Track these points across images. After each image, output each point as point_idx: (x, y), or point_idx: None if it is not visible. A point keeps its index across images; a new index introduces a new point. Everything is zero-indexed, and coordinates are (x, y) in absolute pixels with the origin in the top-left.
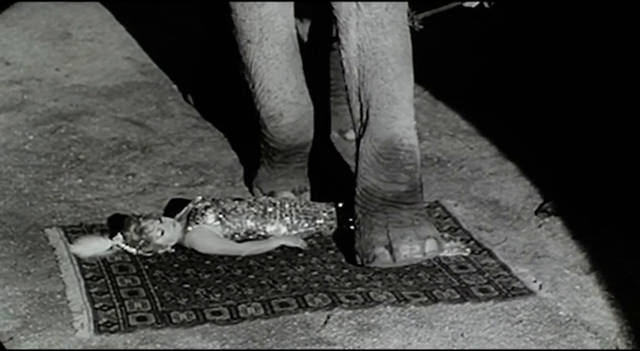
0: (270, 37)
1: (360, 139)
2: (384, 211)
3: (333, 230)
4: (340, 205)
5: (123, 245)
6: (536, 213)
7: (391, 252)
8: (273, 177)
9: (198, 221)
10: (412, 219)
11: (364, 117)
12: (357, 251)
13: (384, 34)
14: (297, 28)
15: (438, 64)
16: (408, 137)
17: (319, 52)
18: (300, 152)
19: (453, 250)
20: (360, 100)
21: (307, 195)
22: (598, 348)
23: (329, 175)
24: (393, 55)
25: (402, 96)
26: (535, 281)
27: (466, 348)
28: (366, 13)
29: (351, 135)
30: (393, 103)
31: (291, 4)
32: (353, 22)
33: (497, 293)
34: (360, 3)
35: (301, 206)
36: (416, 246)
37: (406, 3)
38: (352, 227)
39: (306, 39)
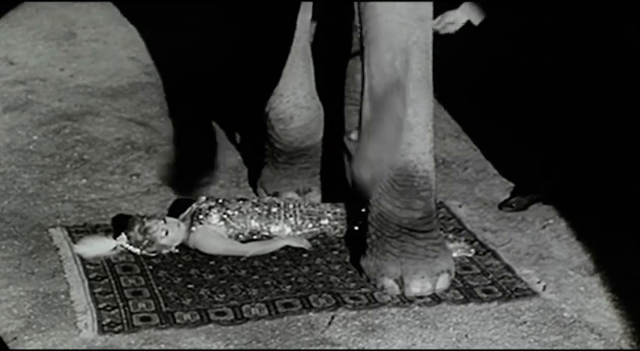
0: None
1: None
2: (399, 239)
3: (337, 231)
4: (346, 205)
5: (127, 245)
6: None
7: (401, 287)
8: (277, 177)
9: (202, 221)
10: (427, 250)
11: None
12: (365, 270)
13: None
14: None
15: (443, 66)
16: (423, 163)
17: (326, 53)
18: (305, 154)
19: (457, 251)
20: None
21: (314, 196)
22: (602, 349)
23: (335, 175)
24: (410, 81)
25: (418, 122)
26: (539, 282)
27: (470, 349)
28: None
29: (355, 135)
30: (408, 130)
31: (309, 10)
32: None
33: (501, 294)
34: None
35: (305, 207)
36: (427, 284)
37: (431, 23)
38: (356, 228)
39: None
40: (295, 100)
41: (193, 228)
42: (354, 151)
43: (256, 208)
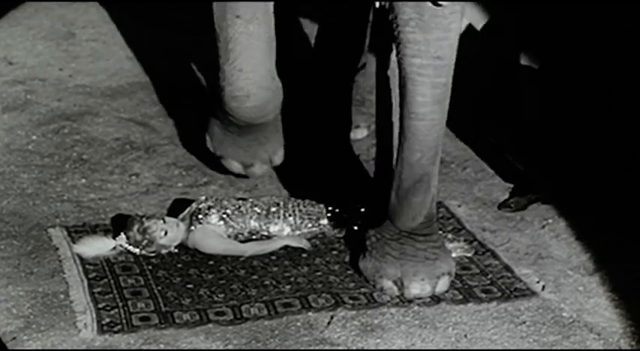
0: (260, 17)
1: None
2: (398, 241)
3: (336, 231)
4: (345, 205)
5: (126, 245)
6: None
7: (400, 288)
8: (225, 141)
9: (201, 221)
10: (427, 252)
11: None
12: (363, 272)
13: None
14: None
15: None
16: (428, 173)
17: (330, 55)
18: (256, 130)
19: (456, 250)
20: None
21: (257, 170)
22: (601, 349)
23: (335, 175)
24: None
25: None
26: (538, 282)
27: (469, 349)
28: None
29: (354, 134)
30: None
31: None
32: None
33: (500, 294)
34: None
35: (305, 206)
36: (427, 286)
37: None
38: (356, 228)
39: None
40: (255, 77)
41: (192, 228)
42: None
43: (255, 208)
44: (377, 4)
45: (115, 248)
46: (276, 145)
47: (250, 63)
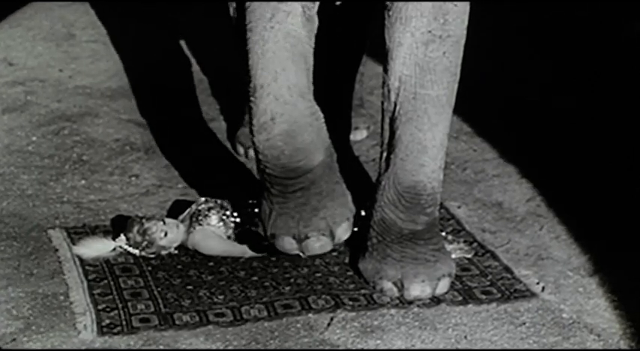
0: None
1: (384, 174)
2: (399, 244)
3: None
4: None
5: (126, 246)
6: None
7: (400, 289)
8: (272, 215)
9: (201, 222)
10: (427, 255)
11: (390, 155)
12: (363, 273)
13: (431, 83)
14: None
15: None
16: (432, 180)
17: (330, 55)
18: (300, 182)
19: (456, 252)
20: (389, 133)
21: (314, 243)
22: (601, 350)
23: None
24: (433, 106)
25: (434, 145)
26: (538, 283)
27: (469, 349)
28: (420, 53)
29: (353, 136)
30: (423, 152)
31: None
32: (401, 54)
33: (500, 295)
34: (417, 40)
35: None
36: (427, 288)
37: (463, 45)
38: (356, 229)
39: None
40: (277, 91)
41: (192, 229)
42: None
43: (255, 209)
44: None
45: (114, 249)
46: (336, 211)
47: (269, 75)
